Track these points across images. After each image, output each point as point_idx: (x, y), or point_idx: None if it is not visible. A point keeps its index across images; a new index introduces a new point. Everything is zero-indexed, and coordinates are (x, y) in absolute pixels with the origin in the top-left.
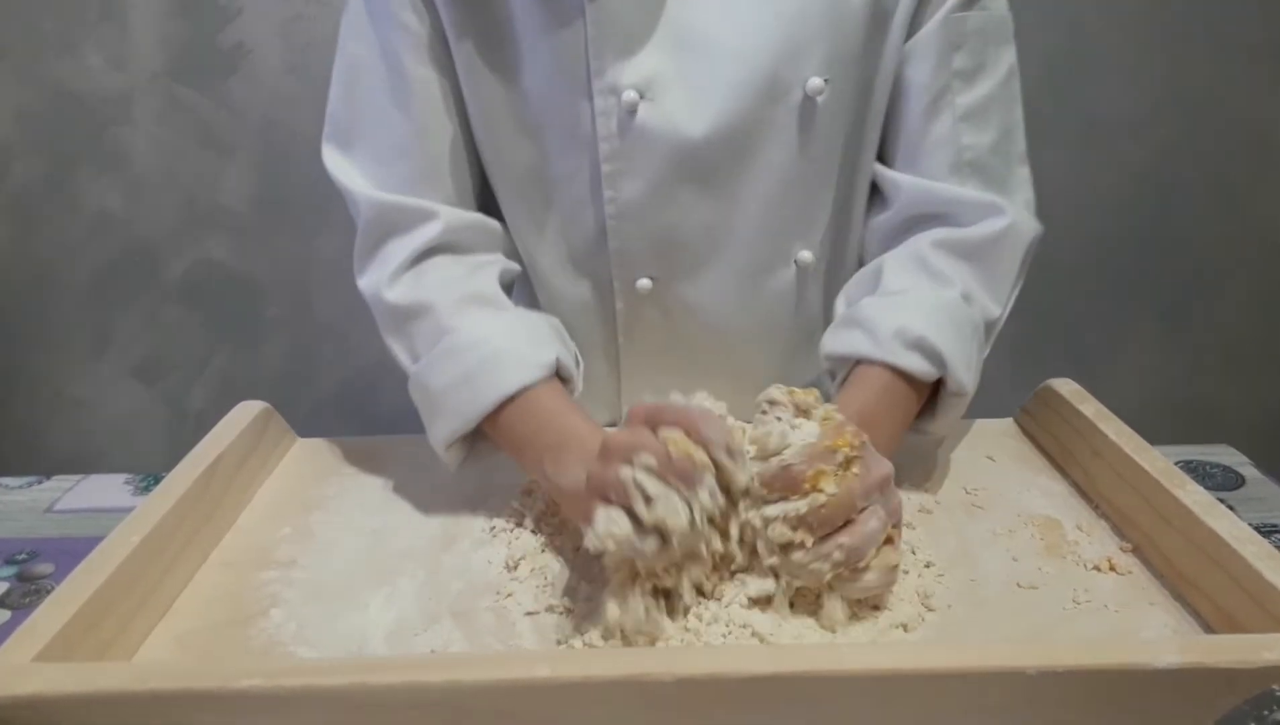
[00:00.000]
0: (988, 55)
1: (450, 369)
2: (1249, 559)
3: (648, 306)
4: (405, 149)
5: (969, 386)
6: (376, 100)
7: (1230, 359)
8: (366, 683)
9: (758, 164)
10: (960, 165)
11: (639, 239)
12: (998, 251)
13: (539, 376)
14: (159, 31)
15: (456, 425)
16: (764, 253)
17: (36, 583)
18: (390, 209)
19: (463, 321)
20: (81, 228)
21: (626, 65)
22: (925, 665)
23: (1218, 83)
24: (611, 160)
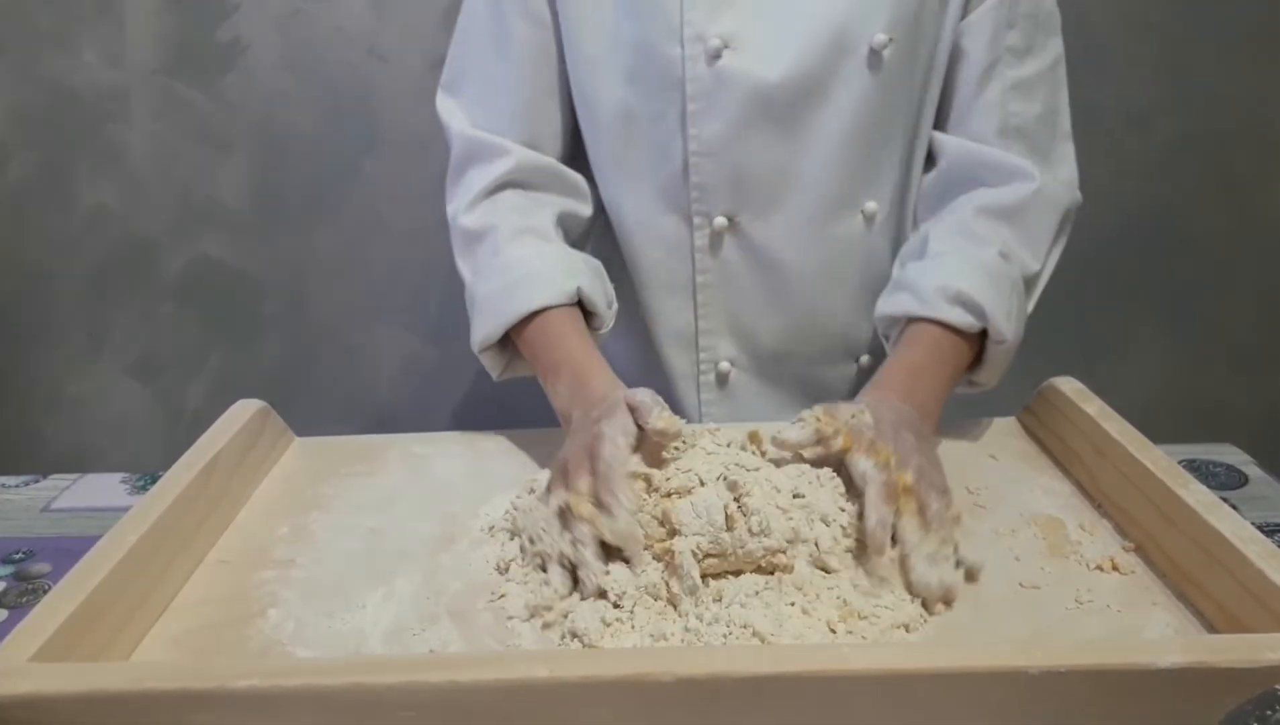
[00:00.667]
0: (1036, 39)
1: (493, 282)
2: (1252, 558)
3: (724, 245)
4: (501, 93)
5: (1008, 334)
6: (483, 51)
7: (1234, 358)
8: (364, 683)
9: (827, 111)
10: (1007, 129)
11: (718, 176)
12: (1031, 212)
13: (558, 301)
14: (155, 27)
15: (489, 330)
16: (832, 199)
17: (33, 582)
18: (474, 142)
19: (514, 246)
20: (77, 225)
21: (714, 17)
22: (927, 665)
23: (1222, 80)
24: (696, 100)
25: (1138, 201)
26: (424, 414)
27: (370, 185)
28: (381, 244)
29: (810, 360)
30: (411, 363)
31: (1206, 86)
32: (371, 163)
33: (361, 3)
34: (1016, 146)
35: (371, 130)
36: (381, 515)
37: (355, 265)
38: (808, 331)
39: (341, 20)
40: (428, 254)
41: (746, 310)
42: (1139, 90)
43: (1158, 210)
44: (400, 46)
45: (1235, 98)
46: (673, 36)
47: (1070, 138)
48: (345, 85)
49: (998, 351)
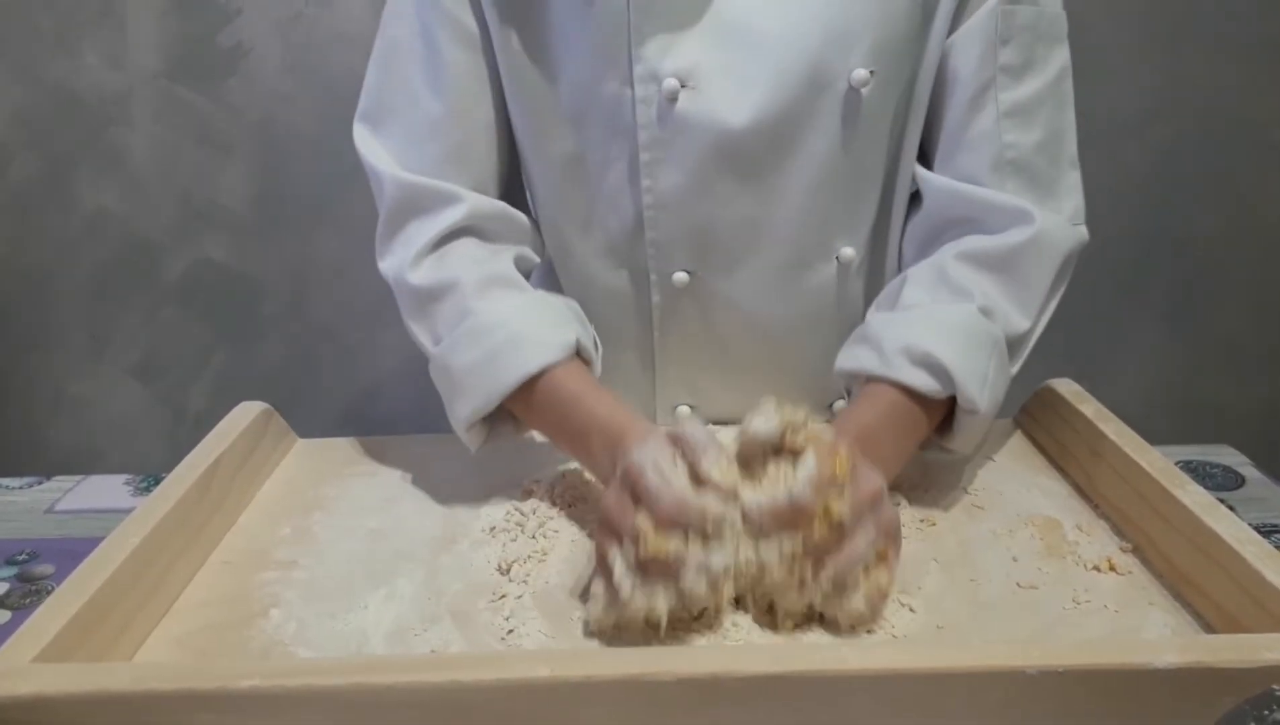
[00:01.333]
0: (1036, 52)
1: (473, 349)
2: (1249, 559)
3: (684, 301)
4: (435, 131)
5: (980, 404)
6: (411, 81)
7: (1231, 359)
8: (366, 683)
9: (800, 156)
10: (1001, 164)
11: (677, 230)
12: (1025, 261)
13: (560, 357)
14: (157, 31)
15: (478, 404)
16: (805, 248)
17: (36, 583)
18: (415, 190)
19: (484, 303)
20: (80, 227)
21: (668, 53)
22: (926, 665)
23: (1218, 82)
24: (650, 149)
25: (1135, 203)
26: (425, 415)
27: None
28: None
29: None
30: (413, 364)
31: (1203, 89)
32: None
33: (362, 6)
34: (1012, 182)
35: None
36: (383, 516)
37: (356, 266)
38: (776, 385)
39: (342, 24)
40: None
41: (709, 367)
42: (1136, 93)
43: (1154, 212)
44: None
45: (1232, 100)
46: (621, 75)
47: (1076, 164)
48: (346, 88)
49: (968, 422)
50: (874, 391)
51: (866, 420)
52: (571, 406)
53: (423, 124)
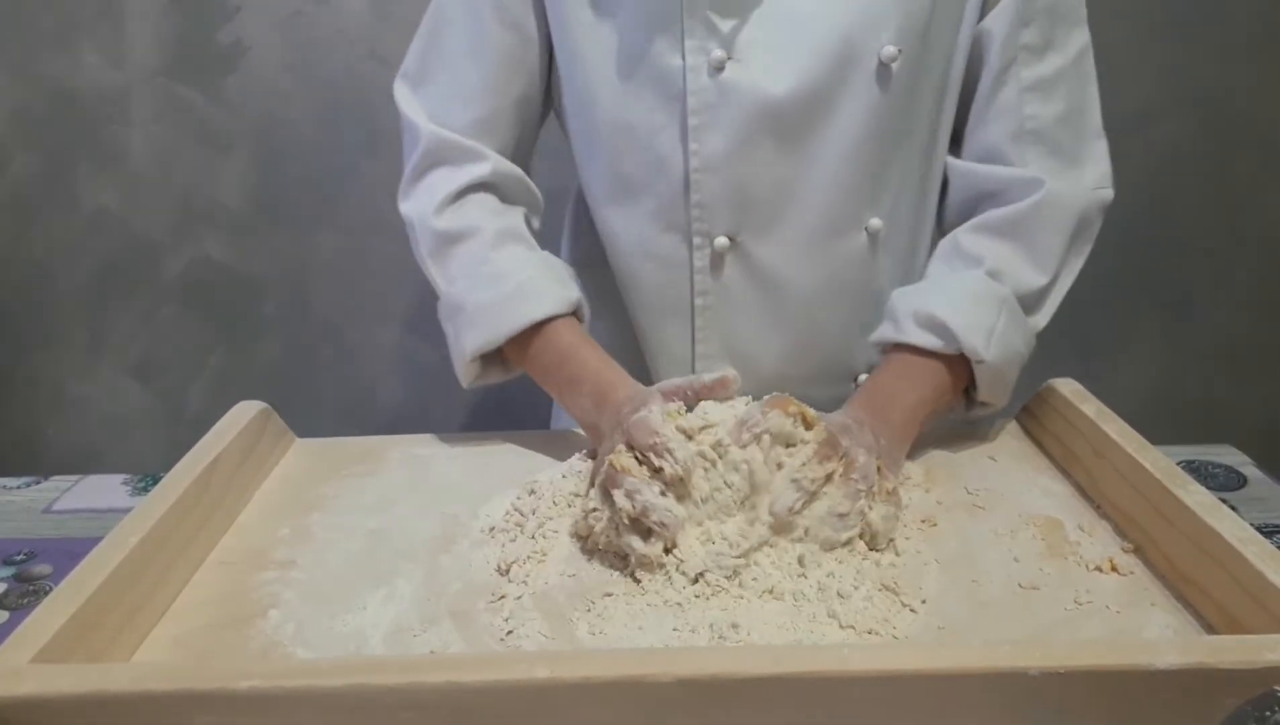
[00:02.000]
0: (1056, 33)
1: (488, 291)
2: (1251, 559)
3: (724, 266)
4: (470, 98)
5: (986, 354)
6: (455, 49)
7: (1232, 359)
8: (365, 684)
9: (833, 126)
10: (1022, 134)
11: (720, 193)
12: (1034, 223)
13: (563, 310)
14: (156, 29)
15: (487, 338)
16: (835, 216)
17: (35, 583)
18: (447, 143)
19: (500, 254)
20: (78, 226)
21: (716, 28)
22: (927, 666)
23: (1220, 82)
24: (699, 113)
25: (1137, 203)
26: (424, 415)
27: (371, 186)
28: (382, 245)
29: (808, 381)
30: (412, 363)
31: (1205, 88)
32: (372, 163)
33: (362, 4)
34: (1033, 151)
35: (372, 131)
36: (382, 516)
37: (356, 266)
38: (808, 351)
39: (342, 22)
40: None
41: (746, 332)
42: (1137, 92)
43: (1156, 212)
44: (400, 48)
45: (1234, 100)
46: (674, 47)
47: (1101, 135)
48: (346, 87)
49: (983, 372)
50: (888, 357)
51: (880, 381)
52: (567, 355)
53: (459, 90)
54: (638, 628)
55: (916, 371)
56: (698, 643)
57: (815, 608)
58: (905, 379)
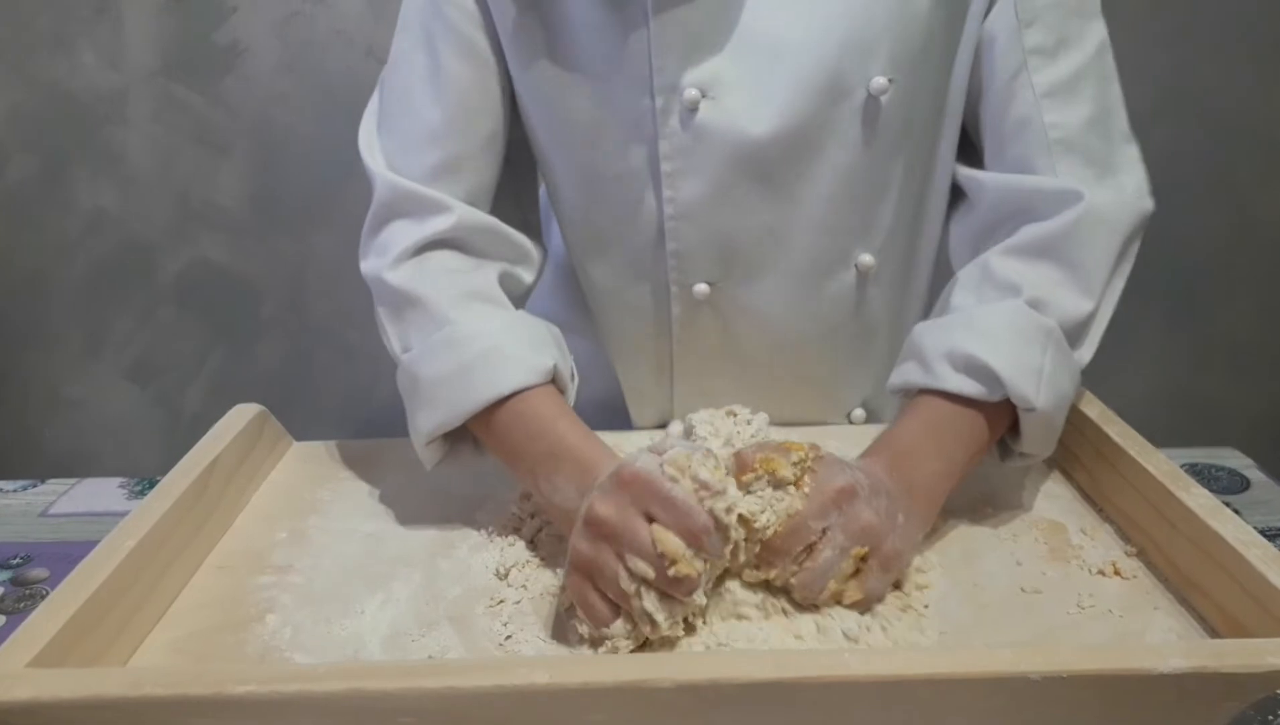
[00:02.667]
0: (1069, 29)
1: (445, 360)
2: (1254, 563)
3: (704, 312)
4: (432, 140)
5: (1036, 401)
6: (412, 90)
7: (1235, 361)
8: (363, 689)
9: (820, 164)
10: (1050, 145)
11: (698, 241)
12: (1077, 242)
13: (535, 380)
14: (154, 29)
15: (443, 418)
16: (824, 255)
17: (31, 587)
18: (405, 194)
19: (463, 315)
20: (76, 227)
21: (689, 64)
22: (929, 670)
23: (1223, 82)
24: (672, 158)
25: None
26: None
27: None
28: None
29: (796, 420)
30: None
31: (1207, 89)
32: None
33: (359, 5)
34: (1064, 162)
35: None
36: (380, 520)
37: (354, 268)
38: (795, 394)
39: (340, 22)
40: None
41: (728, 377)
42: (1138, 92)
43: (1159, 213)
44: None
45: (1236, 101)
46: (641, 86)
47: (1131, 139)
48: (344, 87)
49: (1031, 420)
50: (918, 403)
51: (903, 434)
52: (542, 430)
53: (420, 132)
54: None
55: (952, 424)
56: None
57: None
58: (939, 433)
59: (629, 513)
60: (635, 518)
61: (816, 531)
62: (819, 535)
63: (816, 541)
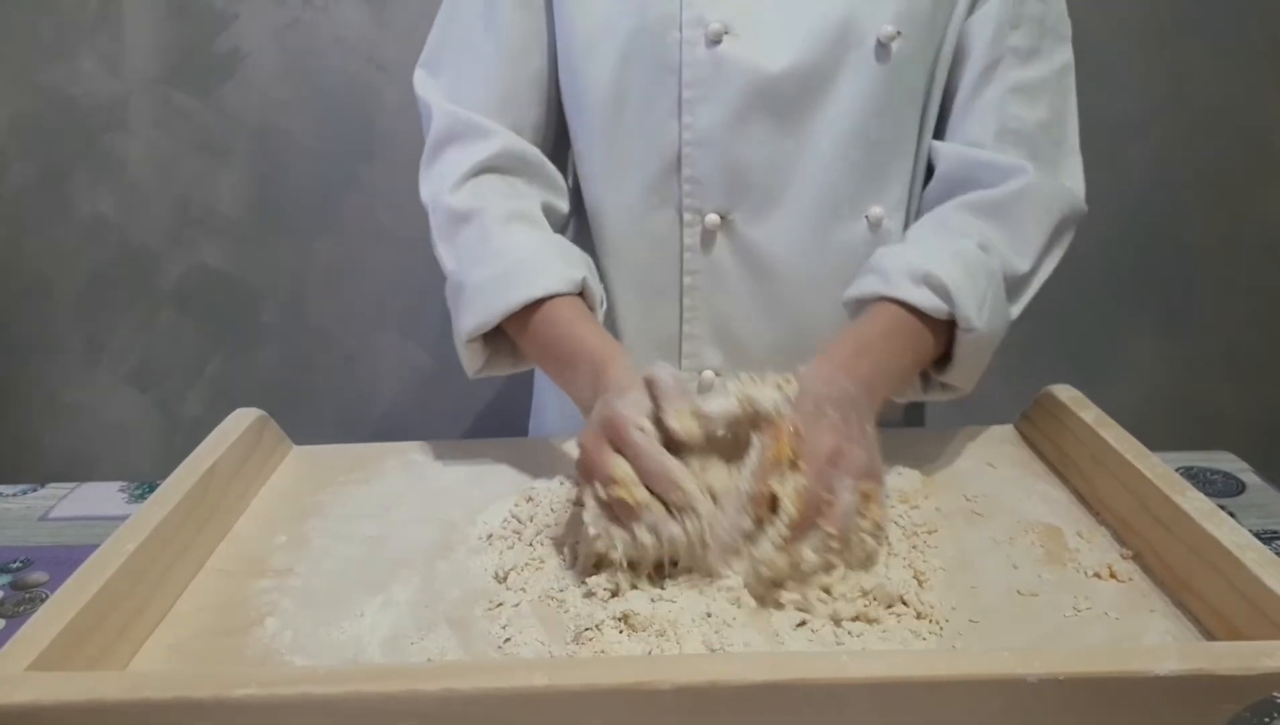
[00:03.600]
0: (1044, 43)
1: (485, 270)
2: (1249, 566)
3: (716, 245)
4: (485, 74)
5: (978, 323)
6: (470, 30)
7: (1231, 365)
8: (362, 691)
9: (830, 106)
10: (1005, 132)
11: (712, 168)
12: (1020, 208)
13: (564, 288)
14: (154, 36)
15: (482, 320)
16: (834, 201)
17: (30, 591)
18: (458, 120)
19: (505, 231)
20: (76, 233)
21: (715, 4)
22: (926, 673)
23: (1218, 86)
24: (693, 86)
25: (1134, 208)
26: (422, 422)
27: (369, 193)
28: (380, 252)
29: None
30: (410, 371)
31: (1202, 93)
32: (370, 171)
33: (360, 12)
34: (1013, 151)
35: (370, 139)
36: (380, 523)
37: (354, 273)
38: (799, 340)
39: (340, 29)
40: (427, 262)
41: (735, 316)
42: (1135, 97)
43: (1154, 217)
44: (399, 55)
45: (1232, 104)
46: (671, 19)
47: (1078, 152)
48: (344, 94)
49: (967, 341)
50: (875, 309)
51: (866, 331)
52: (564, 332)
53: (475, 67)
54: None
55: (905, 329)
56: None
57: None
58: (893, 335)
59: (603, 447)
60: (607, 452)
61: (827, 495)
62: (830, 494)
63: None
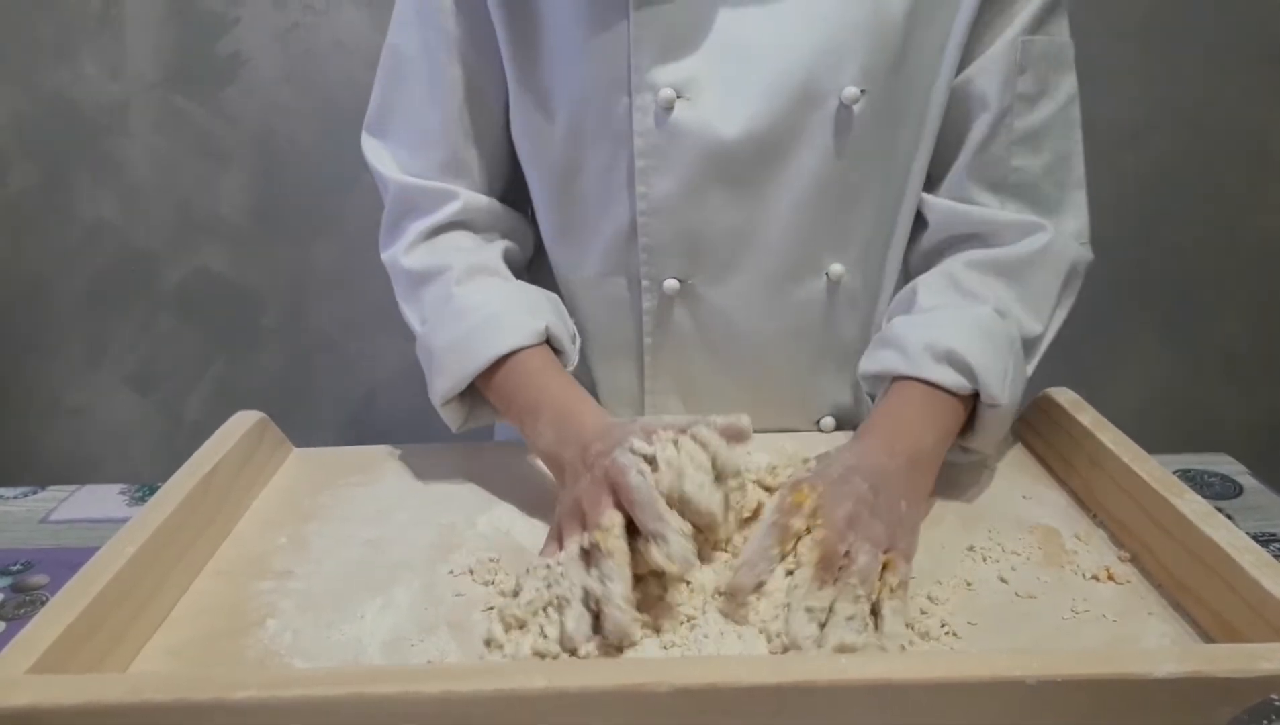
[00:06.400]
0: (1049, 81)
1: (451, 330)
2: (1247, 568)
3: (675, 308)
4: (434, 140)
5: (1001, 398)
6: (413, 93)
7: (1229, 368)
8: (362, 693)
9: (790, 169)
10: (1004, 186)
11: (668, 237)
12: (1035, 269)
13: (528, 342)
14: (156, 40)
15: (453, 382)
16: (793, 261)
17: (31, 593)
18: (414, 191)
19: (467, 288)
20: (77, 237)
21: (666, 65)
22: (924, 675)
23: (1216, 91)
24: (646, 156)
25: (1132, 213)
26: (422, 425)
27: (369, 197)
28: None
29: (763, 424)
30: (410, 373)
31: (1201, 99)
32: (370, 174)
33: (360, 16)
34: (1012, 205)
35: None
36: (380, 526)
37: (354, 277)
38: (762, 395)
39: (340, 33)
40: None
41: (698, 375)
42: (1133, 103)
43: (1152, 222)
44: None
45: (1229, 110)
46: (619, 85)
47: (1083, 185)
48: (344, 98)
49: (991, 416)
50: (900, 389)
51: (898, 414)
52: (527, 384)
53: (423, 133)
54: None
55: (938, 410)
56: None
57: None
58: (926, 417)
59: (603, 497)
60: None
61: (843, 553)
62: (846, 546)
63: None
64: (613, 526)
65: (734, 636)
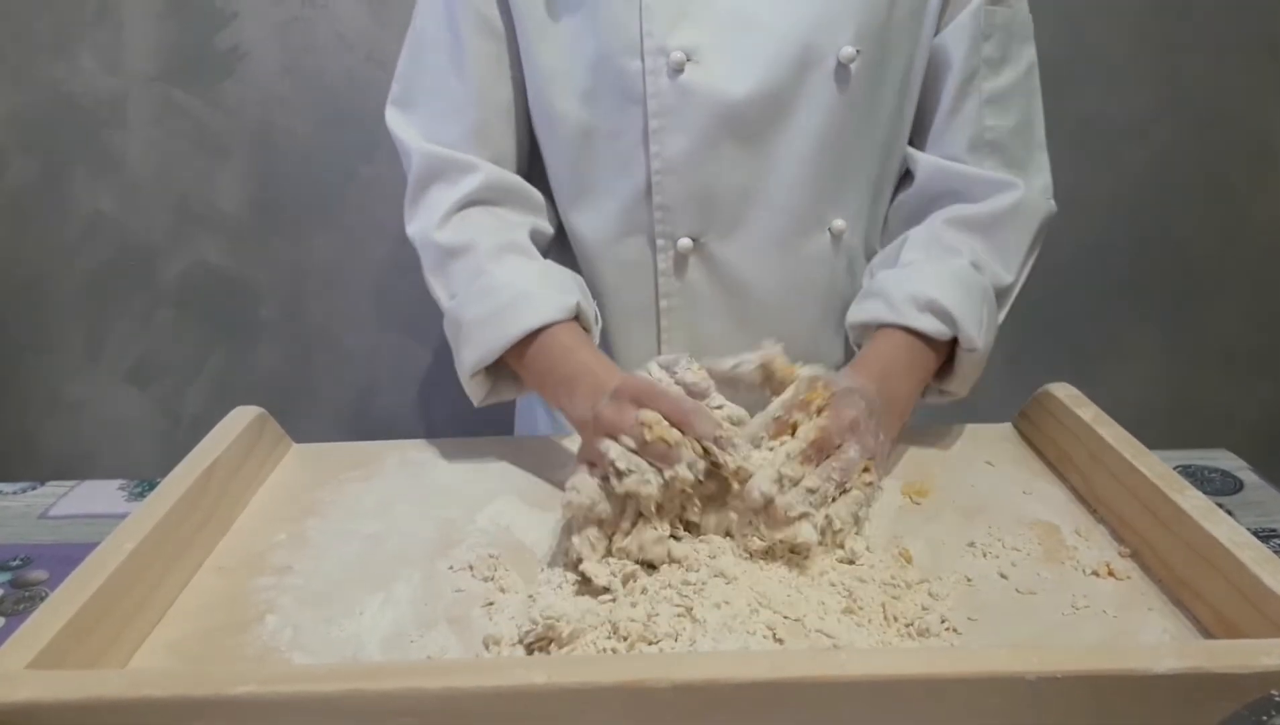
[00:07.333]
0: (1011, 49)
1: (482, 304)
2: (1247, 564)
3: (688, 267)
4: (458, 110)
5: (979, 343)
6: (438, 66)
7: (1229, 363)
8: (362, 689)
9: (794, 126)
10: (980, 144)
11: (682, 194)
12: (1008, 224)
13: (560, 317)
14: (154, 34)
15: (482, 354)
16: (799, 217)
17: (30, 589)
18: (437, 159)
19: (497, 265)
20: (75, 230)
21: (675, 30)
22: (924, 671)
23: (1216, 86)
24: (659, 116)
25: (1132, 208)
26: (422, 419)
27: (368, 191)
28: (380, 250)
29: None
30: (409, 368)
31: (1200, 94)
32: (370, 169)
33: (360, 9)
34: (990, 161)
35: (370, 136)
36: (379, 521)
37: (353, 271)
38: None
39: (340, 26)
40: None
41: (711, 333)
42: (1133, 98)
43: (1152, 216)
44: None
45: (1230, 105)
46: (632, 49)
47: (1044, 147)
48: (344, 92)
49: (968, 359)
50: (886, 336)
51: (885, 356)
52: (563, 357)
53: (447, 104)
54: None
55: (916, 356)
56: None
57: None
58: (908, 362)
59: (625, 407)
60: (629, 410)
61: (836, 443)
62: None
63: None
64: (657, 420)
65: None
